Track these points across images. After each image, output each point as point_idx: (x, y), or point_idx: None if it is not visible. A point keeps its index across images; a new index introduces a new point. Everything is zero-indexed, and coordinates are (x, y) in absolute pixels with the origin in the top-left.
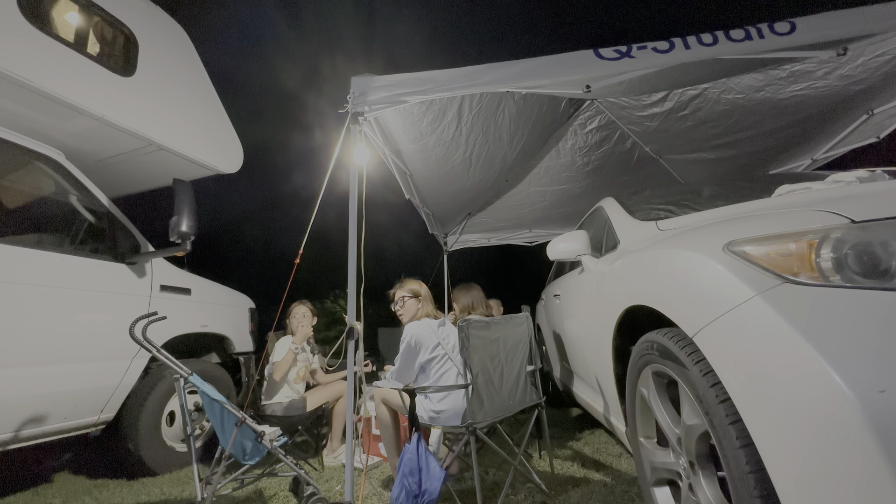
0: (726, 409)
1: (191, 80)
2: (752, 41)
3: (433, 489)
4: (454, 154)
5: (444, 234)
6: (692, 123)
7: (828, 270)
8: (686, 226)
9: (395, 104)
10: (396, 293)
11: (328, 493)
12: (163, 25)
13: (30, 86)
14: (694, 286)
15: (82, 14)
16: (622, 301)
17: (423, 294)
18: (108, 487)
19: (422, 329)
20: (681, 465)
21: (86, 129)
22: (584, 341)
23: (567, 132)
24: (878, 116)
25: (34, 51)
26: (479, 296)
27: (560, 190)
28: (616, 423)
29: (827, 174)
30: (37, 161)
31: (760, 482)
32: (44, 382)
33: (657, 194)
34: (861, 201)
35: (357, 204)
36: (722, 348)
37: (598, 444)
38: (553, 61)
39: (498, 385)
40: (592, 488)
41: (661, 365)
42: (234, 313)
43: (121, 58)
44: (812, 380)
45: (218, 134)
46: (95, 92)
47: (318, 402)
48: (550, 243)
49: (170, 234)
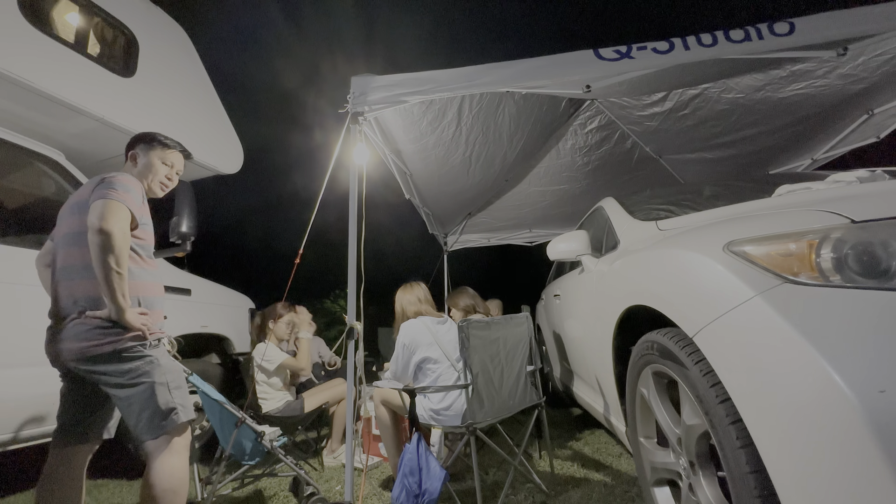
0: (726, 409)
1: (191, 81)
2: (752, 42)
3: (433, 489)
4: (454, 154)
5: (444, 234)
6: (692, 123)
7: (828, 270)
8: (686, 226)
9: (395, 104)
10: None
11: (328, 493)
12: (163, 26)
13: (30, 86)
14: (694, 286)
15: (83, 15)
16: (622, 301)
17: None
18: (108, 487)
19: (416, 328)
20: (681, 465)
21: (86, 130)
22: (584, 341)
23: (567, 132)
24: (878, 116)
25: (34, 51)
26: (475, 296)
27: (560, 190)
28: (616, 423)
29: (827, 174)
30: (37, 161)
31: (760, 482)
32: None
33: (657, 194)
34: (861, 201)
35: (357, 204)
36: (722, 348)
37: (598, 444)
38: (553, 61)
39: (498, 385)
40: (592, 488)
41: (661, 365)
42: (234, 314)
43: (121, 58)
44: (812, 380)
45: (218, 134)
46: (96, 93)
47: (317, 403)
48: (550, 243)
49: (170, 234)
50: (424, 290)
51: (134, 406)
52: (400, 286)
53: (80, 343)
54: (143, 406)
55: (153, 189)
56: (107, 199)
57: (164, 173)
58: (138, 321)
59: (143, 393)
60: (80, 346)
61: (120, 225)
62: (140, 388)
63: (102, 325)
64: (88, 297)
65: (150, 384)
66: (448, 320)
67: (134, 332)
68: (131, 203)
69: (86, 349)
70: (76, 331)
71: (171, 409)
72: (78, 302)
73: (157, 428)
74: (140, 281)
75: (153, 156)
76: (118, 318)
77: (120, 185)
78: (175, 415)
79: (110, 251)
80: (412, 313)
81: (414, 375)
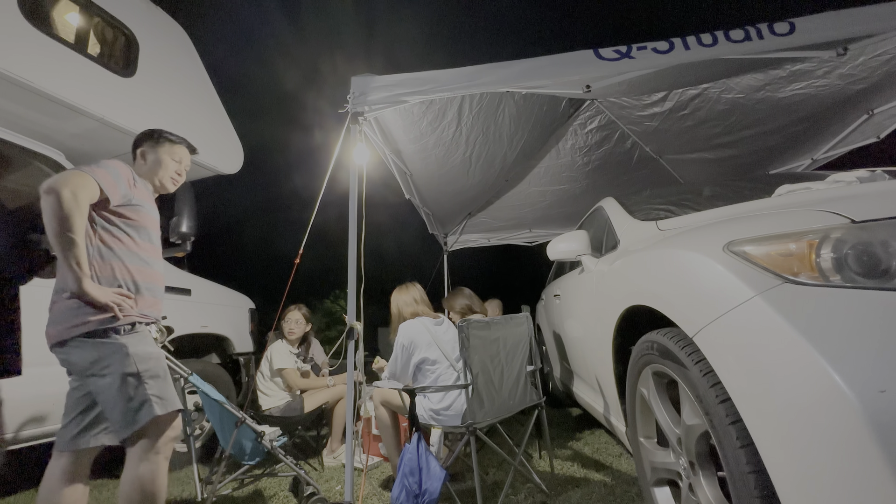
0: (726, 409)
1: (191, 81)
2: (752, 42)
3: (433, 489)
4: (454, 154)
5: (444, 234)
6: (692, 123)
7: (828, 270)
8: (686, 226)
9: (395, 104)
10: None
11: (328, 494)
12: (163, 26)
13: (30, 86)
14: (694, 286)
15: (83, 14)
16: (622, 301)
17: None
18: (108, 487)
19: (415, 329)
20: (681, 465)
21: (86, 130)
22: (584, 341)
23: (567, 132)
24: (878, 116)
25: (34, 51)
26: (472, 296)
27: (560, 190)
28: (616, 423)
29: (827, 174)
30: (37, 161)
31: (760, 482)
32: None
33: (657, 194)
34: (861, 201)
35: (357, 204)
36: (722, 348)
37: (598, 444)
38: (553, 61)
39: (498, 385)
40: (592, 488)
41: (661, 365)
42: (234, 314)
43: (121, 58)
44: (812, 380)
45: (218, 134)
46: (96, 93)
47: (317, 403)
48: (550, 243)
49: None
50: (420, 290)
51: (107, 401)
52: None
53: (54, 326)
54: (113, 401)
55: (164, 184)
56: (65, 170)
57: (174, 168)
58: (105, 296)
59: (111, 386)
60: (54, 330)
61: (70, 188)
62: (107, 379)
63: (70, 305)
64: (60, 278)
65: (118, 375)
66: (445, 320)
67: (101, 312)
68: (100, 176)
69: (57, 332)
70: (53, 312)
71: (143, 401)
72: (59, 282)
73: (129, 424)
74: (129, 264)
75: (161, 152)
76: (77, 290)
77: (94, 163)
78: (147, 407)
79: (56, 213)
80: (409, 314)
81: (413, 376)
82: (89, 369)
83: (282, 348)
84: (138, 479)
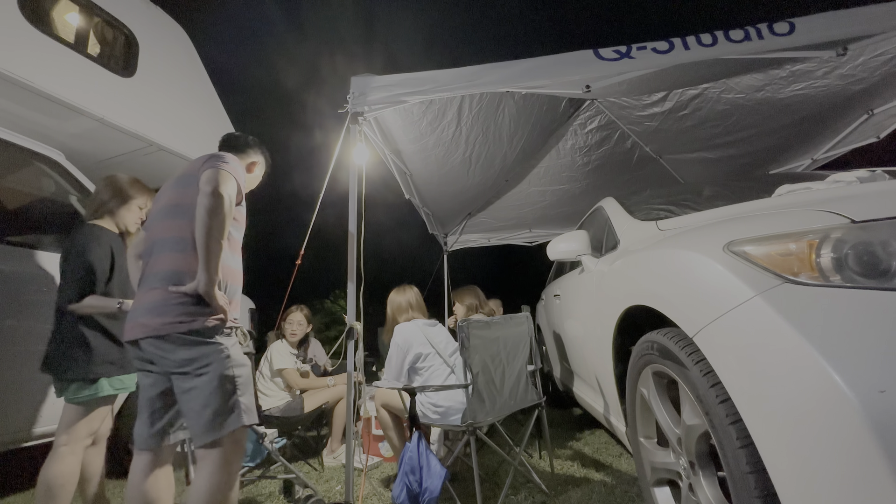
0: (726, 409)
1: (191, 81)
2: (752, 42)
3: (434, 487)
4: (454, 154)
5: (444, 234)
6: (692, 123)
7: (828, 270)
8: (686, 226)
9: (395, 104)
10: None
11: (328, 494)
12: (163, 26)
13: (30, 86)
14: (694, 286)
15: (83, 14)
16: (622, 301)
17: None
18: (107, 487)
19: (409, 329)
20: (681, 465)
21: (86, 130)
22: (584, 341)
23: (567, 132)
24: (878, 116)
25: (35, 51)
26: (481, 296)
27: (560, 190)
28: (616, 423)
29: (827, 174)
30: (37, 161)
31: (760, 482)
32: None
33: (657, 194)
34: (861, 201)
35: (357, 204)
36: (722, 348)
37: (598, 444)
38: (553, 61)
39: (499, 385)
40: (592, 488)
41: (661, 365)
42: None
43: (121, 58)
44: (812, 380)
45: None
46: (96, 93)
47: (317, 403)
48: (550, 243)
49: None
50: (416, 294)
51: (196, 400)
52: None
53: (154, 318)
54: (205, 401)
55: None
56: (219, 169)
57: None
58: (223, 299)
59: (209, 385)
60: (154, 322)
61: (229, 192)
62: (205, 378)
63: (182, 300)
64: (173, 272)
65: (216, 376)
66: (437, 323)
67: (214, 314)
68: (239, 177)
69: (158, 325)
70: (153, 303)
71: (233, 408)
72: (159, 275)
73: (215, 429)
74: (226, 265)
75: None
76: (206, 290)
77: (231, 160)
78: (236, 415)
79: (217, 215)
80: (403, 321)
81: (408, 375)
82: (184, 367)
83: (281, 348)
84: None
